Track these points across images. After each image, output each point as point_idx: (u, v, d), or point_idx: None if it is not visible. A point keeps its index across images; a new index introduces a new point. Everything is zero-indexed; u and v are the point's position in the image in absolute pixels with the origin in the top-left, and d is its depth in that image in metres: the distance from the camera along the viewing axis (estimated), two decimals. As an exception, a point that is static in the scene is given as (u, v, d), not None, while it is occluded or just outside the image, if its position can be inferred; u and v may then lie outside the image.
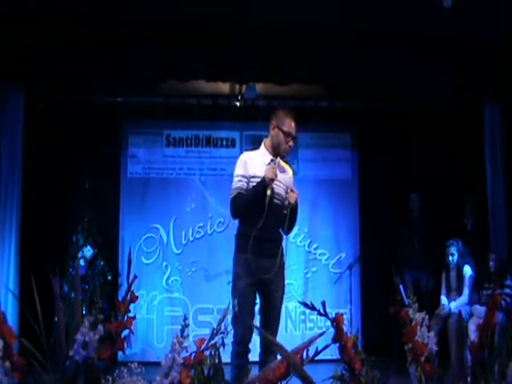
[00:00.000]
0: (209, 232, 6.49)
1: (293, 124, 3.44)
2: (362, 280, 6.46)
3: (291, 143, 3.43)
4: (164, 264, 6.42)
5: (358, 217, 6.69)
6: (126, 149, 6.56)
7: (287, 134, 3.40)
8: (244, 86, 6.08)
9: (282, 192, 3.41)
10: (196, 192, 6.59)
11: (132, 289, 2.04)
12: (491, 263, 5.37)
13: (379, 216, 6.49)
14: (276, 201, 3.36)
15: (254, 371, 2.11)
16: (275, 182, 3.33)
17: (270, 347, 3.18)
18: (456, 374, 1.91)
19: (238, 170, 3.39)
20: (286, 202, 3.39)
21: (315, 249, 6.61)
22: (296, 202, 3.40)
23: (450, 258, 5.56)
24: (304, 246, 6.58)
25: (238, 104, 6.40)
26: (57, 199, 6.04)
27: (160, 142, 6.64)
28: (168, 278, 6.40)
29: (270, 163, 3.35)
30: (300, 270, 6.51)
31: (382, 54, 5.34)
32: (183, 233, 6.49)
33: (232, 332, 3.17)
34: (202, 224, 6.50)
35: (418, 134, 6.30)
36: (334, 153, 6.80)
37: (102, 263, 5.90)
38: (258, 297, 3.39)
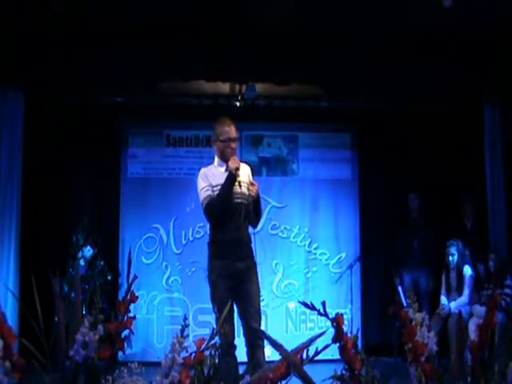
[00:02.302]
0: (209, 232, 6.49)
1: (228, 128, 3.58)
2: (362, 280, 6.46)
3: (233, 145, 3.59)
4: (164, 264, 6.42)
5: (358, 217, 6.69)
6: (126, 149, 6.56)
7: (226, 140, 3.56)
8: (244, 86, 6.08)
9: (245, 191, 3.54)
10: (196, 192, 6.55)
11: (132, 289, 2.04)
12: (491, 263, 5.38)
13: (379, 216, 6.50)
14: (242, 200, 3.50)
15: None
16: (236, 184, 3.48)
17: (255, 342, 3.31)
18: (456, 374, 1.91)
19: (202, 183, 3.60)
20: (251, 198, 3.53)
21: (315, 248, 6.60)
22: (257, 194, 3.54)
23: (450, 258, 5.56)
24: (304, 245, 6.58)
25: (237, 104, 6.40)
26: (57, 199, 6.04)
27: (160, 141, 6.64)
28: (168, 278, 6.39)
29: (226, 170, 3.53)
30: (300, 269, 6.50)
31: (382, 53, 5.34)
32: (183, 233, 6.49)
33: None
34: (201, 224, 6.47)
35: (417, 133, 6.30)
36: (334, 153, 6.80)
37: (102, 263, 5.90)
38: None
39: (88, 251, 5.88)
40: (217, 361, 1.88)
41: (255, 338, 3.30)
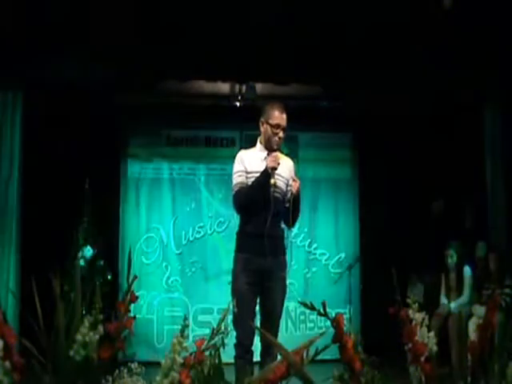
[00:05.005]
0: (209, 232, 6.50)
1: (280, 115, 3.42)
2: (361, 280, 6.46)
3: (281, 134, 3.42)
4: (164, 264, 6.43)
5: (358, 217, 6.70)
6: (126, 149, 6.57)
7: (275, 126, 3.39)
8: (244, 86, 6.08)
9: (283, 186, 3.39)
10: (196, 192, 6.59)
11: (132, 289, 2.04)
12: (491, 263, 5.38)
13: (379, 216, 6.49)
14: (276, 194, 3.33)
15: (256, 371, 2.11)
16: (275, 176, 3.33)
17: (268, 349, 3.17)
18: (456, 373, 1.91)
19: (237, 166, 3.42)
20: (288, 195, 3.37)
21: (315, 249, 6.62)
22: (298, 192, 3.36)
23: (449, 259, 5.58)
24: (304, 246, 6.59)
25: (237, 104, 6.40)
26: (57, 199, 6.03)
27: (160, 141, 6.65)
28: (168, 278, 6.40)
29: (265, 158, 3.36)
30: (300, 270, 6.51)
31: (382, 54, 5.34)
32: (183, 233, 6.50)
33: (233, 333, 3.18)
34: (202, 224, 6.50)
35: (417, 134, 6.30)
36: (334, 153, 6.80)
37: (101, 263, 5.90)
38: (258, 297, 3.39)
39: (88, 251, 5.87)
40: (217, 361, 1.88)
41: (269, 347, 3.13)
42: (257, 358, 3.29)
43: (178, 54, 5.31)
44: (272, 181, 3.27)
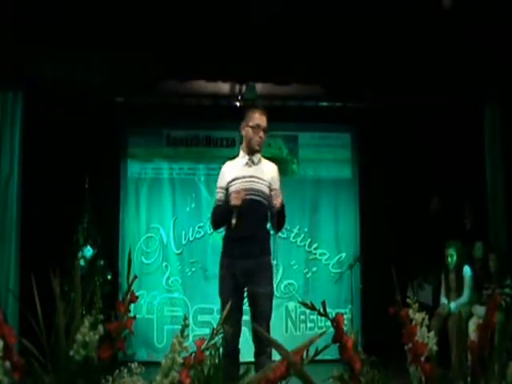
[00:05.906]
0: (209, 232, 6.49)
1: (260, 116, 3.53)
2: (362, 280, 6.46)
3: (261, 134, 3.50)
4: (164, 264, 6.43)
5: (358, 217, 6.70)
6: (126, 149, 6.57)
7: (256, 127, 3.49)
8: (244, 86, 6.08)
9: (263, 188, 3.45)
10: (196, 192, 6.59)
11: (132, 289, 2.04)
12: (491, 263, 5.38)
13: (379, 216, 6.49)
14: (256, 197, 3.41)
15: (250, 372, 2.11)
16: (254, 180, 3.43)
17: (261, 347, 3.23)
18: (456, 373, 1.91)
19: (218, 181, 3.58)
20: (274, 203, 3.41)
21: (315, 249, 6.61)
22: (281, 206, 3.42)
23: (449, 259, 5.57)
24: (304, 245, 6.59)
25: (238, 104, 6.40)
26: (57, 199, 6.03)
27: (160, 141, 6.65)
28: (168, 278, 6.40)
29: (246, 163, 3.48)
30: (300, 270, 6.51)
31: (382, 54, 5.34)
32: (183, 233, 6.50)
33: None
34: (201, 224, 6.50)
35: (417, 133, 6.30)
36: (334, 153, 6.80)
37: (101, 263, 5.90)
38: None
39: (88, 251, 5.88)
40: (217, 361, 1.88)
41: (262, 345, 3.20)
42: (252, 358, 3.31)
43: (178, 54, 5.31)
44: (233, 221, 3.31)
